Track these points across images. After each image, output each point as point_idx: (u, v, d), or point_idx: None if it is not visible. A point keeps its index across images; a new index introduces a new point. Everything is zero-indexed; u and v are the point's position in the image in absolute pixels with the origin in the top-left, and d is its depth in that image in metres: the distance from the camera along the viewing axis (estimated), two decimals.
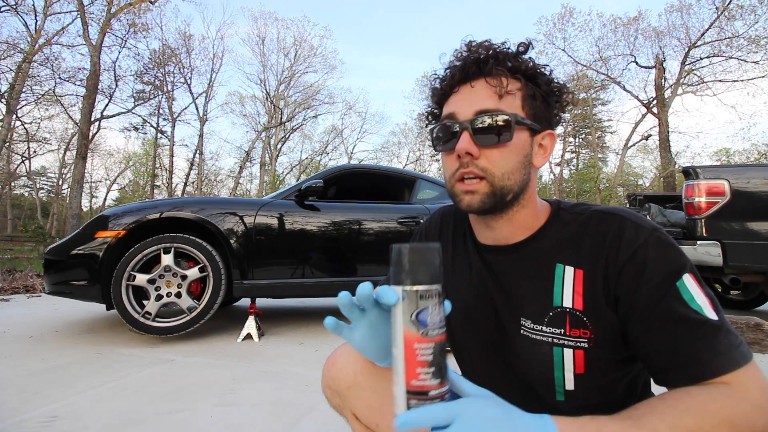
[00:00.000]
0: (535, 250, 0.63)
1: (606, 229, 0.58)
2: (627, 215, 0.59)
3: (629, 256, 0.55)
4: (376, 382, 0.70)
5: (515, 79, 0.61)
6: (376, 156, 28.64)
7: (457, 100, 0.63)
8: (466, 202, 0.61)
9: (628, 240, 0.56)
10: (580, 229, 0.61)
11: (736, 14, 16.29)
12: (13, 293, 4.59)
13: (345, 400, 0.72)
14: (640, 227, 0.57)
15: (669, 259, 0.54)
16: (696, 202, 3.05)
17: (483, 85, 0.61)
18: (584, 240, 0.60)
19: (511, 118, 0.59)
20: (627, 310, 0.54)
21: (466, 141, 0.59)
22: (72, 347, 2.31)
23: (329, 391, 0.75)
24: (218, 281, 2.53)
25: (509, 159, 0.60)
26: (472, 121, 0.59)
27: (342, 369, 0.72)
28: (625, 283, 0.54)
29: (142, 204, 2.66)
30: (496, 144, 0.59)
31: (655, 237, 0.55)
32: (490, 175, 0.60)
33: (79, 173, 13.49)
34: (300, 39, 24.85)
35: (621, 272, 0.55)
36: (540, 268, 0.62)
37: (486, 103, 0.60)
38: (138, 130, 25.41)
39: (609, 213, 0.60)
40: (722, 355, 0.48)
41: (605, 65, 20.31)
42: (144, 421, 1.38)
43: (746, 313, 3.79)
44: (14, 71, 14.41)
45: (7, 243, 21.05)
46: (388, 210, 3.11)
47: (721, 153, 23.06)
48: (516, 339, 0.63)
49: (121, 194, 30.98)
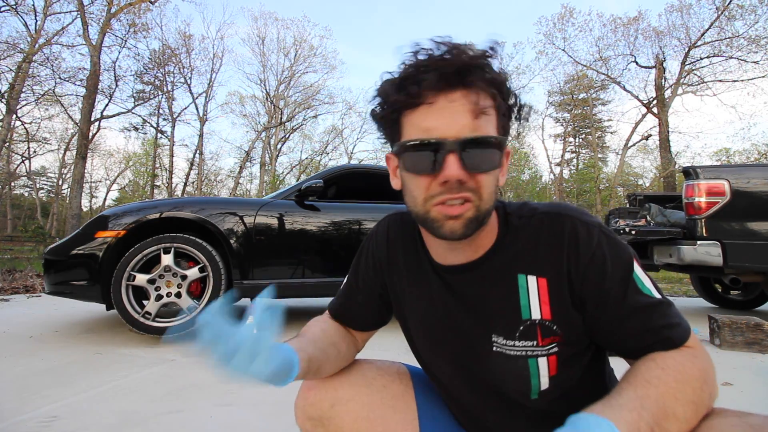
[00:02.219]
0: (495, 264, 0.61)
1: (560, 233, 0.58)
2: (573, 214, 0.60)
3: (589, 259, 0.56)
4: (357, 393, 0.70)
5: (490, 94, 0.55)
6: (376, 156, 28.65)
7: (433, 114, 0.54)
8: (447, 228, 0.55)
9: (585, 242, 0.57)
10: (533, 235, 0.60)
11: (736, 14, 16.29)
12: (13, 293, 4.59)
13: (330, 422, 0.69)
14: (589, 226, 0.58)
15: (620, 253, 0.57)
16: (696, 202, 3.05)
17: (463, 98, 0.53)
18: (540, 247, 0.59)
19: (500, 142, 0.55)
20: (595, 308, 0.56)
21: (456, 167, 0.52)
22: (72, 347, 2.31)
23: (310, 423, 0.70)
24: (218, 281, 2.53)
25: (492, 184, 0.57)
26: (462, 144, 0.53)
27: (320, 391, 0.70)
28: (590, 285, 0.56)
29: (142, 204, 2.66)
30: (485, 170, 0.55)
31: (604, 234, 0.58)
32: (477, 199, 0.55)
33: (79, 173, 13.49)
34: (300, 39, 24.84)
35: (585, 275, 0.56)
36: (503, 283, 0.61)
37: (470, 122, 0.53)
38: (138, 130, 25.41)
39: (556, 214, 0.60)
40: (679, 327, 0.54)
41: (605, 65, 20.32)
42: (144, 421, 1.38)
43: (746, 313, 3.79)
44: (14, 71, 14.40)
45: (7, 243, 21.03)
46: (388, 210, 3.11)
47: (721, 153, 23.08)
48: (489, 356, 0.62)
49: (121, 194, 30.99)
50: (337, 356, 0.70)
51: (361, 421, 0.69)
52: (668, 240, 3.30)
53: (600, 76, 21.13)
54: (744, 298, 4.23)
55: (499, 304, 0.61)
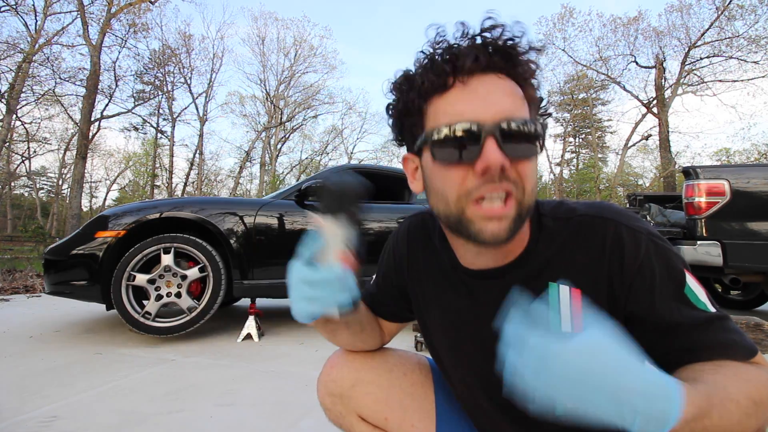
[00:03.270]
0: (524, 271, 0.56)
1: (601, 240, 0.52)
2: (617, 218, 0.53)
3: (636, 270, 0.50)
4: (378, 376, 0.72)
5: (528, 83, 0.51)
6: (376, 156, 28.64)
7: (467, 96, 0.48)
8: (489, 232, 0.49)
9: (630, 251, 0.51)
10: (570, 240, 0.54)
11: (736, 14, 16.30)
12: (13, 293, 4.59)
13: (349, 401, 0.72)
14: (636, 232, 0.52)
15: (672, 265, 0.51)
16: (696, 202, 3.05)
17: (500, 80, 0.49)
18: (577, 254, 0.53)
19: (541, 130, 0.50)
20: (642, 326, 0.51)
21: (497, 152, 0.46)
22: (72, 347, 2.31)
23: (330, 399, 0.74)
24: (218, 281, 2.53)
25: (535, 174, 0.51)
26: (499, 126, 0.47)
27: (343, 369, 0.73)
28: (636, 299, 0.50)
29: (142, 204, 2.66)
30: (528, 157, 0.49)
31: (653, 243, 0.52)
32: (521, 192, 0.49)
33: (79, 173, 13.49)
34: (300, 39, 24.85)
35: (630, 289, 0.50)
36: (531, 291, 0.55)
37: (509, 105, 0.48)
38: (138, 130, 25.43)
39: (598, 217, 0.54)
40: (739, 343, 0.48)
41: (605, 65, 20.32)
42: (144, 421, 1.38)
43: (746, 313, 3.79)
44: (14, 71, 14.40)
45: (7, 243, 21.05)
46: (388, 210, 3.11)
47: (721, 153, 23.07)
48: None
49: (121, 194, 30.98)
50: (358, 330, 0.71)
51: (379, 404, 0.71)
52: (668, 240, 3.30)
53: (600, 76, 21.14)
54: (744, 298, 4.23)
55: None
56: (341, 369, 0.73)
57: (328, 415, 0.76)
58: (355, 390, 0.72)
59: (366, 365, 0.73)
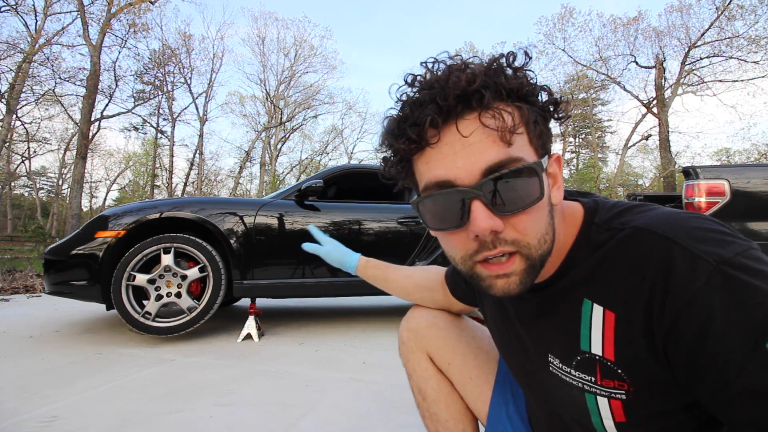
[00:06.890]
0: (559, 287, 0.51)
1: (645, 260, 0.42)
2: (679, 237, 0.41)
3: (684, 305, 0.38)
4: (450, 325, 0.83)
5: (515, 107, 0.45)
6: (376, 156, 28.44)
7: (440, 156, 0.44)
8: (499, 288, 0.46)
9: (681, 278, 0.39)
10: (611, 256, 0.46)
11: (736, 14, 16.30)
12: (13, 293, 4.59)
13: (422, 338, 0.82)
14: (698, 258, 0.38)
15: (750, 309, 0.36)
16: (696, 202, 3.05)
17: (477, 125, 0.43)
18: (615, 273, 0.45)
19: (536, 169, 0.44)
20: (688, 373, 0.39)
21: (484, 216, 0.42)
22: (72, 347, 2.31)
23: (407, 334, 0.84)
24: (218, 281, 2.53)
25: (541, 219, 0.45)
26: (482, 186, 0.42)
27: (423, 311, 0.85)
28: (679, 342, 0.39)
29: (142, 204, 2.66)
30: (524, 208, 0.44)
31: (723, 274, 0.37)
32: (525, 248, 0.45)
33: (79, 173, 13.49)
34: (300, 39, 24.85)
35: (672, 326, 0.39)
36: (564, 305, 0.51)
37: (492, 152, 0.43)
38: (138, 130, 25.42)
39: (651, 233, 0.43)
40: None
41: (605, 65, 20.33)
42: (144, 421, 1.38)
43: None
44: (14, 71, 14.40)
45: (7, 243, 21.04)
46: (388, 210, 3.11)
47: (721, 153, 23.06)
48: (545, 374, 0.55)
49: (121, 194, 30.99)
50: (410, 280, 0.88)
51: (446, 348, 0.81)
52: None
53: (600, 76, 21.15)
54: None
55: (558, 326, 0.52)
56: (422, 311, 0.85)
57: (402, 348, 0.86)
58: (429, 330, 0.82)
59: (443, 316, 0.84)
